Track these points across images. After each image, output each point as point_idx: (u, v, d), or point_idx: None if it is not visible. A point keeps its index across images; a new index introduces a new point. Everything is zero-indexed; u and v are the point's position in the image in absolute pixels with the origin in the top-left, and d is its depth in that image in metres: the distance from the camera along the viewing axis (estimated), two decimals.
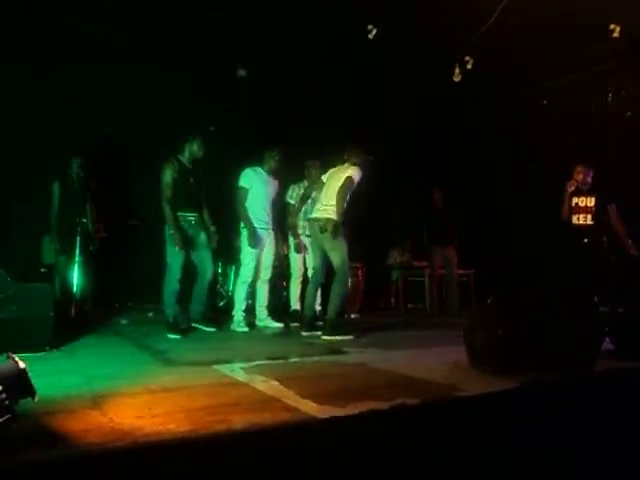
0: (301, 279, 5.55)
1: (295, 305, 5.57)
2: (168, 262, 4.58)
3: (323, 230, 4.48)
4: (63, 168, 5.43)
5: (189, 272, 4.73)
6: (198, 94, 6.59)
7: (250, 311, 5.30)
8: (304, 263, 5.55)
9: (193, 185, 4.76)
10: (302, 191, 5.44)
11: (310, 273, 5.33)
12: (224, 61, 6.74)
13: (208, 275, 4.81)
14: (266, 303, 5.32)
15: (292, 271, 5.62)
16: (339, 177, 4.58)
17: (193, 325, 4.75)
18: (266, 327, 5.21)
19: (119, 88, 6.16)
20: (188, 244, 4.65)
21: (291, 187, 5.62)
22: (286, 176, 5.58)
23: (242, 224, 5.11)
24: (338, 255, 4.49)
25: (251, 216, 5.07)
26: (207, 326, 4.77)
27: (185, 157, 4.75)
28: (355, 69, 6.81)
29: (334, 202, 4.48)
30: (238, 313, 5.07)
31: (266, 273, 5.26)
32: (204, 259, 4.77)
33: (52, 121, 5.87)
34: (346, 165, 4.68)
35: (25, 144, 5.77)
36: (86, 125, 6.00)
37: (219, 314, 5.69)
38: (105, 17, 5.92)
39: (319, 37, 6.17)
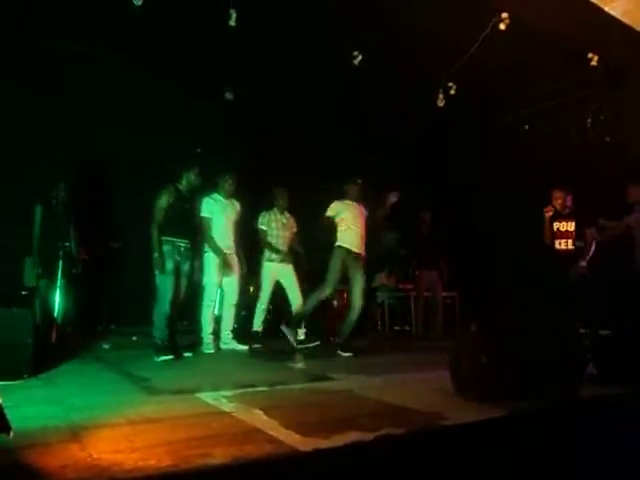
0: (265, 306, 5.72)
1: (258, 327, 5.68)
2: (158, 285, 4.59)
3: None
4: (47, 191, 5.37)
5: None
6: (183, 119, 6.60)
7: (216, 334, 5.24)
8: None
9: (188, 213, 4.83)
10: (272, 217, 5.66)
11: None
12: (210, 85, 6.78)
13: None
14: (231, 327, 5.35)
15: (261, 294, 5.70)
16: None
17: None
18: (232, 350, 5.22)
19: (104, 113, 6.15)
20: (176, 269, 4.66)
21: (262, 214, 5.73)
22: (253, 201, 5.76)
23: (206, 249, 5.09)
24: None
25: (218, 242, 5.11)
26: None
27: (183, 185, 4.83)
28: (341, 92, 6.88)
29: None
30: (206, 336, 5.07)
31: (233, 297, 5.29)
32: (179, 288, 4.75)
33: (37, 143, 5.82)
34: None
35: (9, 165, 5.71)
36: (70, 148, 5.96)
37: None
38: (97, 41, 5.94)
39: (303, 62, 6.26)
